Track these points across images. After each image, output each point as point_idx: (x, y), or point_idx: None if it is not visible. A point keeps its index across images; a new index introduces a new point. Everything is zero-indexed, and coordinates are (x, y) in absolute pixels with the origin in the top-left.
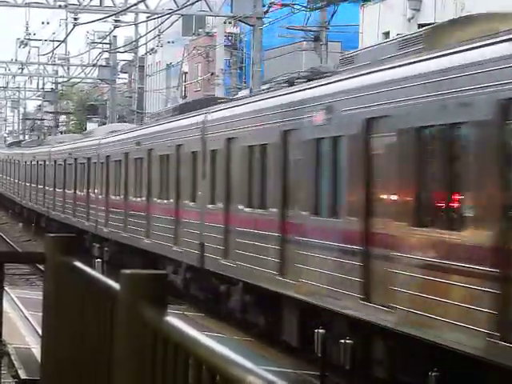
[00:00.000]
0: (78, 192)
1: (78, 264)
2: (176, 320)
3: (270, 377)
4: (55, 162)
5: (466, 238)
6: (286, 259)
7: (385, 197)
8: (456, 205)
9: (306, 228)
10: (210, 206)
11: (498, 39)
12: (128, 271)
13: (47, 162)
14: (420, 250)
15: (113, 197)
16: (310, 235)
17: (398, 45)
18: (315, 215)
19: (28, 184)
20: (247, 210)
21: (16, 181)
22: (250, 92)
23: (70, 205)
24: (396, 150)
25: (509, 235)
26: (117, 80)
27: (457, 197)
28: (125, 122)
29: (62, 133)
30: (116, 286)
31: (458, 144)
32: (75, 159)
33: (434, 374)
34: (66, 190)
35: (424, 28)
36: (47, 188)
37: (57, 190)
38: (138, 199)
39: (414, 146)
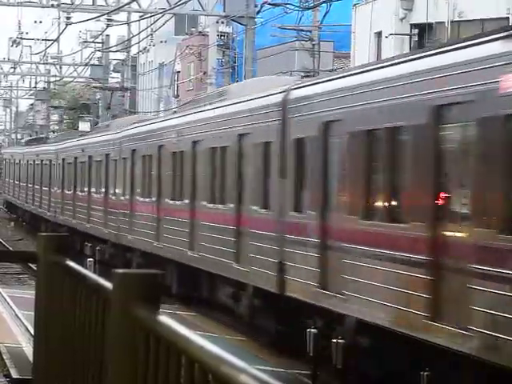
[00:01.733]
0: (93, 194)
1: (71, 263)
2: (168, 319)
3: (263, 376)
4: (63, 160)
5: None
6: None
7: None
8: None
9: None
10: (294, 213)
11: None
12: (121, 271)
13: (53, 162)
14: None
15: (140, 199)
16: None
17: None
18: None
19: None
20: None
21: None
22: None
23: (81, 208)
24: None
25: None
26: (109, 79)
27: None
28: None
29: (54, 132)
30: (108, 285)
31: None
32: (89, 157)
33: (425, 373)
34: (79, 192)
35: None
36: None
37: (66, 191)
38: (178, 202)
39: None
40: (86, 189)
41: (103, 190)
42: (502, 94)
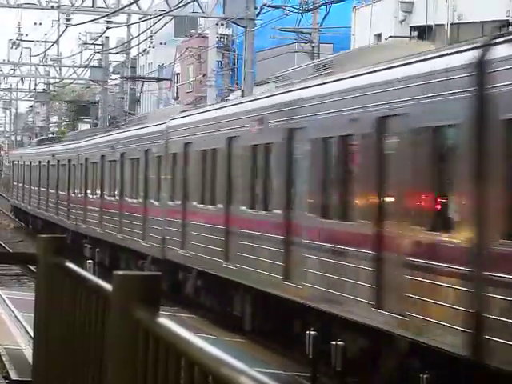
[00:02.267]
0: (127, 199)
1: (70, 265)
2: (168, 321)
3: (262, 378)
4: (86, 160)
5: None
6: None
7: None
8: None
9: None
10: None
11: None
12: (120, 272)
13: (73, 162)
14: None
15: (199, 205)
16: None
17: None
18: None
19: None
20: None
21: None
22: (242, 94)
23: (111, 216)
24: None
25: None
26: (109, 81)
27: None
28: (117, 123)
29: (53, 134)
30: (108, 286)
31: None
32: (122, 154)
33: (425, 376)
34: (107, 197)
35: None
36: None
37: (90, 196)
38: (256, 212)
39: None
40: (116, 193)
41: (141, 194)
42: None
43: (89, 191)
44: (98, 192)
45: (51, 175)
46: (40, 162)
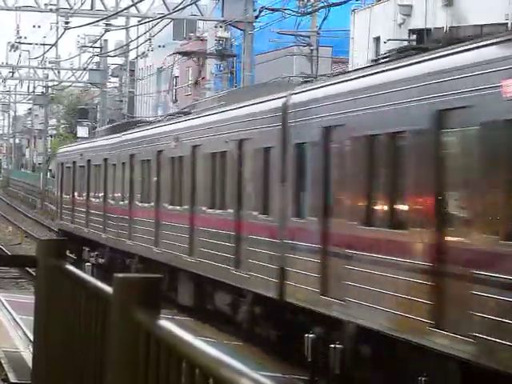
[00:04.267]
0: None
1: (70, 267)
2: (169, 323)
3: (264, 379)
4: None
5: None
6: None
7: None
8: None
9: None
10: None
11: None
12: (121, 275)
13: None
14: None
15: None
16: None
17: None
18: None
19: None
20: None
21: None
22: None
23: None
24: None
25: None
26: (107, 84)
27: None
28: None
29: (51, 136)
30: (108, 289)
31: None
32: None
33: (423, 378)
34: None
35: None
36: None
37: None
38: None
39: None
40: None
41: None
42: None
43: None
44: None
45: (144, 182)
46: (120, 160)
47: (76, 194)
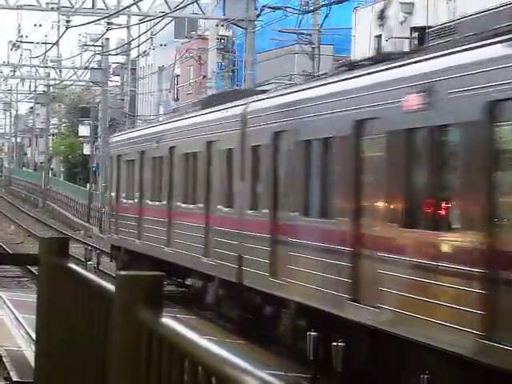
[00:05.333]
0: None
1: (73, 266)
2: (171, 321)
3: (267, 377)
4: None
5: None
6: None
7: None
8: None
9: None
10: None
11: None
12: (123, 273)
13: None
14: None
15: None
16: None
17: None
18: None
19: None
20: None
21: None
22: None
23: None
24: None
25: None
26: (109, 83)
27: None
28: (117, 124)
29: (53, 135)
30: (111, 287)
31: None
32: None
33: (425, 376)
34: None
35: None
36: None
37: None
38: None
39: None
40: None
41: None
42: None
43: None
44: None
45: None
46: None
47: (146, 198)
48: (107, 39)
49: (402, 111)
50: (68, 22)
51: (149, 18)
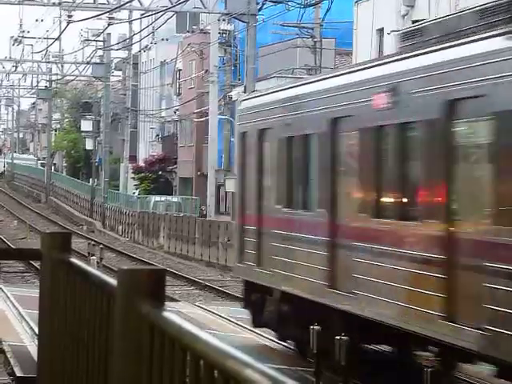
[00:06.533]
0: None
1: (75, 260)
2: (173, 315)
3: (268, 370)
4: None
5: None
6: None
7: None
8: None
9: None
10: None
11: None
12: (125, 267)
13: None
14: None
15: None
16: None
17: None
18: None
19: None
20: None
21: None
22: (245, 89)
23: None
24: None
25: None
26: (111, 77)
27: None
28: (119, 119)
29: (55, 131)
30: (113, 282)
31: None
32: None
33: (429, 370)
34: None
35: None
36: None
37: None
38: None
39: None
40: None
41: None
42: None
43: None
44: None
45: None
46: None
47: (339, 205)
48: (109, 34)
49: None
50: (70, 17)
51: (150, 13)
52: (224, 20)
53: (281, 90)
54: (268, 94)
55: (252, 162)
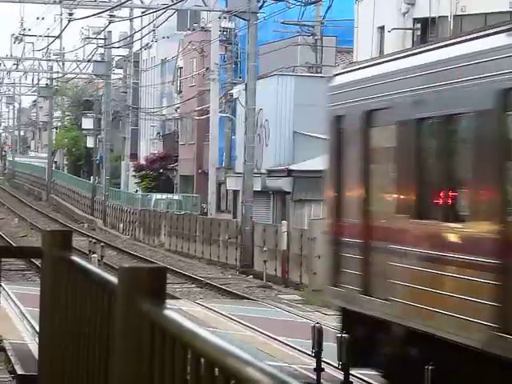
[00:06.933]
0: None
1: (76, 258)
2: (174, 313)
3: (269, 368)
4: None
5: None
6: None
7: None
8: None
9: None
10: None
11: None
12: (126, 265)
13: None
14: None
15: None
16: None
17: None
18: None
19: None
20: None
21: None
22: (245, 87)
23: None
24: None
25: None
26: (111, 75)
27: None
28: (120, 117)
29: (56, 128)
30: (114, 280)
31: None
32: None
33: (430, 367)
34: None
35: None
36: None
37: None
38: None
39: None
40: None
41: None
42: None
43: None
44: None
45: None
46: None
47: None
48: (110, 32)
49: None
50: (71, 14)
51: (151, 11)
52: (225, 18)
53: (405, 57)
54: (380, 63)
55: (353, 154)
